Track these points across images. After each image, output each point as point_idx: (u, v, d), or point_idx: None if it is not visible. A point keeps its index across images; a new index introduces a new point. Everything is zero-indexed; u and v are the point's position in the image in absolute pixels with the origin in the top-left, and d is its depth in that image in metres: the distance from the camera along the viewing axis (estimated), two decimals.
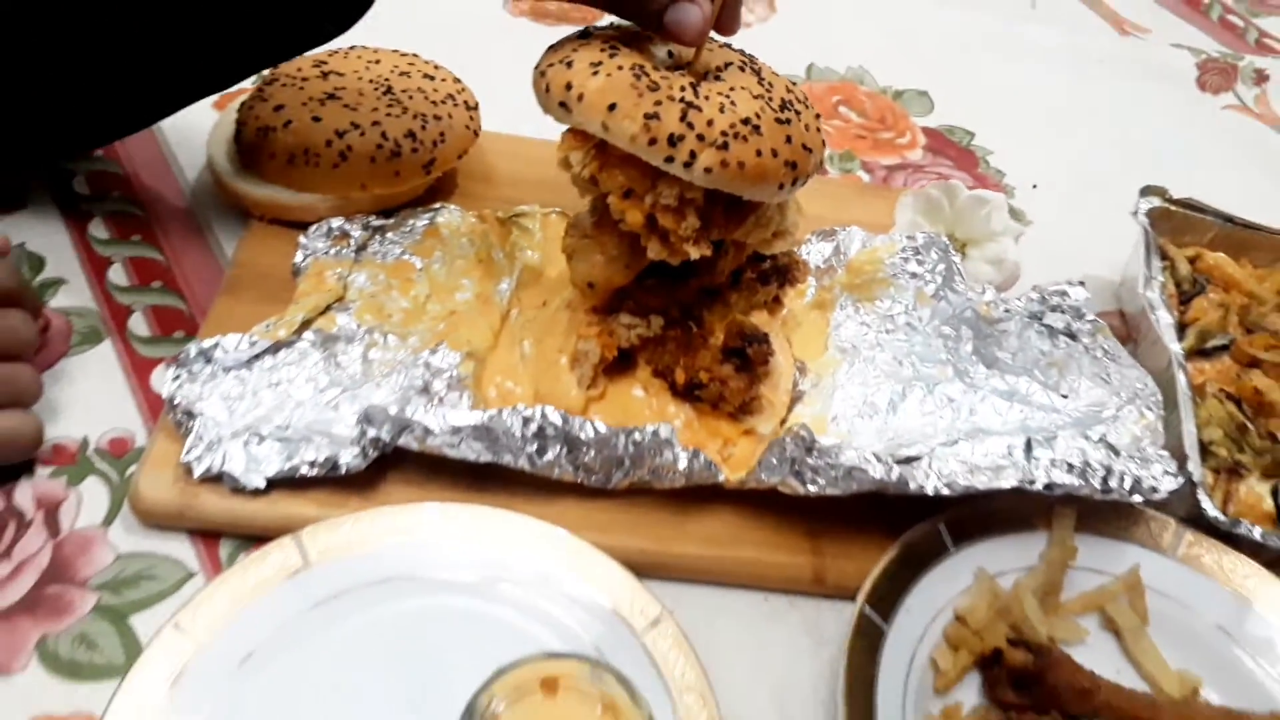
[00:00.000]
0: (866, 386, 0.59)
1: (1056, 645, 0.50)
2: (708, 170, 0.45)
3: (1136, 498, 0.50)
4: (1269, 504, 0.57)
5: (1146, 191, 0.72)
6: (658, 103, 0.45)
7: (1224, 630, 0.52)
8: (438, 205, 0.66)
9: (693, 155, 0.44)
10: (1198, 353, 0.64)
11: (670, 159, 0.44)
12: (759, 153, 0.45)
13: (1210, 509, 0.54)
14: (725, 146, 0.44)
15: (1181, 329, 0.66)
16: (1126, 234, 0.71)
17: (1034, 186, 0.84)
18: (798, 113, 0.49)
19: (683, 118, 0.45)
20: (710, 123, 0.45)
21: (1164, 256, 0.70)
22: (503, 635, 0.47)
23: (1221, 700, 0.50)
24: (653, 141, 0.44)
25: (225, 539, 0.51)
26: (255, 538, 0.50)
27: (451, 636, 0.47)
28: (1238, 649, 0.51)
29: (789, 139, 0.47)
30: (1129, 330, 0.71)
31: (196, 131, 0.70)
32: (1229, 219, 0.72)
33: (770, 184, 0.46)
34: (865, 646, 0.47)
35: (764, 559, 0.53)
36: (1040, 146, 0.88)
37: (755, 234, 0.50)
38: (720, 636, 0.51)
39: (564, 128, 0.50)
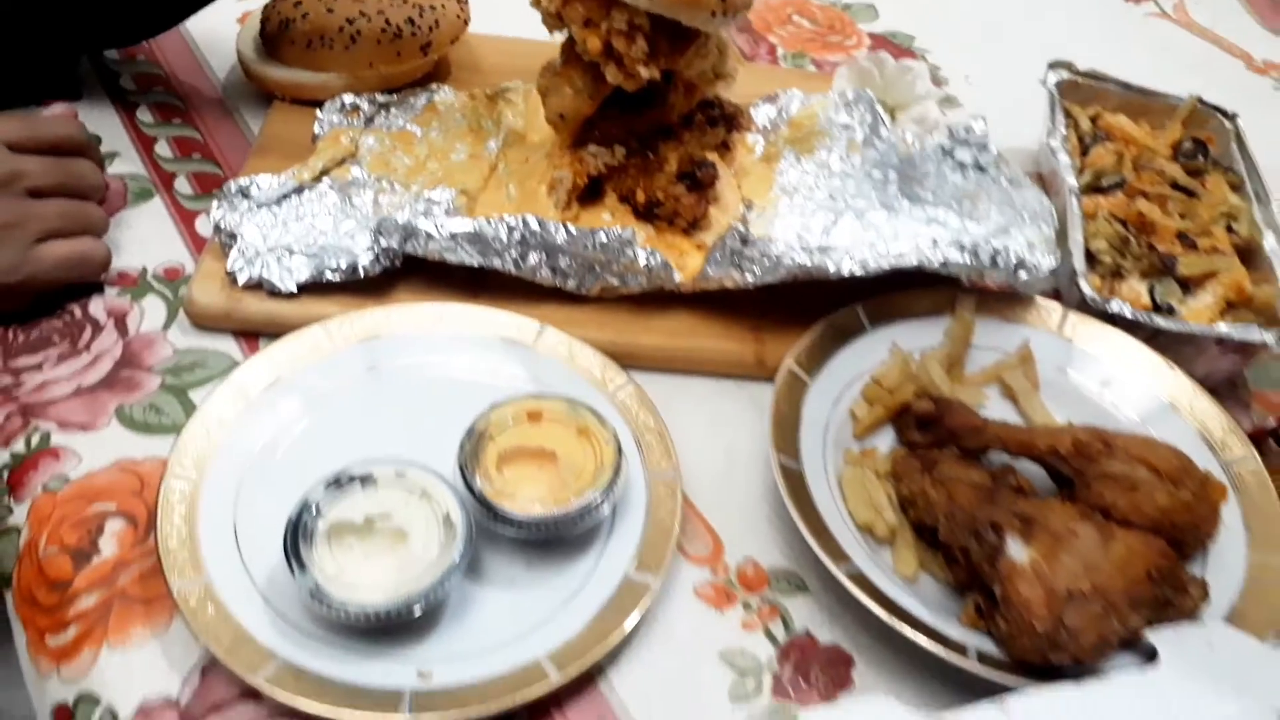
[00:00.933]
0: (805, 216, 0.68)
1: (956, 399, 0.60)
2: None
3: (1022, 274, 0.60)
4: (1146, 299, 0.67)
5: (1055, 65, 0.83)
6: None
7: (1101, 391, 0.62)
8: (434, 86, 0.76)
9: None
10: (1094, 189, 0.74)
11: None
12: None
13: (1089, 291, 0.64)
14: None
15: (1081, 173, 0.76)
16: (1045, 113, 0.81)
17: (966, 78, 0.94)
18: None
19: None
20: None
21: (1068, 115, 0.80)
22: (496, 394, 0.57)
23: None
24: None
25: (263, 339, 0.62)
26: None
27: (456, 393, 0.57)
28: (1113, 406, 0.61)
29: None
30: (1045, 189, 0.81)
31: (222, 40, 0.81)
32: (1127, 86, 0.82)
33: (703, 10, 0.56)
34: (791, 394, 0.58)
35: (715, 346, 0.63)
36: (974, 48, 0.98)
37: (696, 64, 0.60)
38: (679, 411, 0.60)
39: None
